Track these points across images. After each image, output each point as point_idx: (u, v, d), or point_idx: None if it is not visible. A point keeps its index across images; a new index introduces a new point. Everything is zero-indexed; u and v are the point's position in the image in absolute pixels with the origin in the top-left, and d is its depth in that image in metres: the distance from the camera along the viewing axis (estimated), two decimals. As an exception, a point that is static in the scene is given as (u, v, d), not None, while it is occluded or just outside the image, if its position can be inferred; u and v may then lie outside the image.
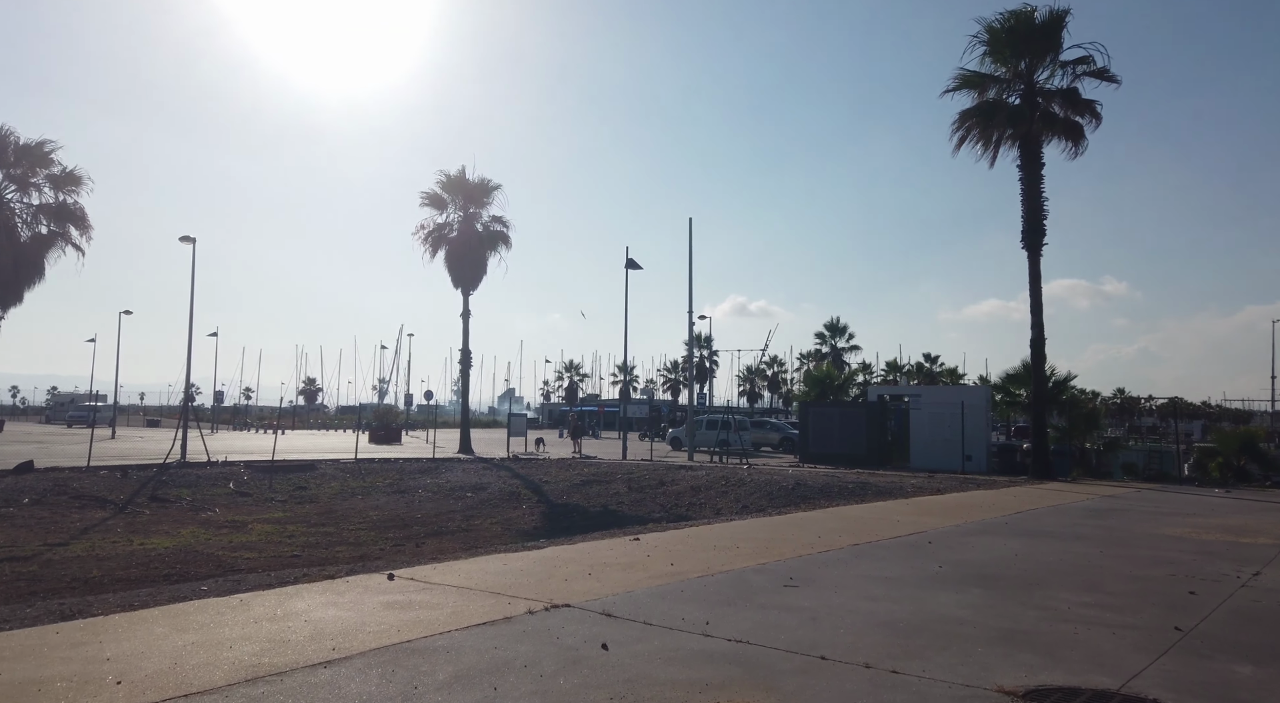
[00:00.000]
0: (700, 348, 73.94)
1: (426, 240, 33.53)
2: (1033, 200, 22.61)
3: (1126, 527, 11.90)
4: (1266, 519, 13.43)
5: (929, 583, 7.11)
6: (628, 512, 19.43)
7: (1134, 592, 7.06)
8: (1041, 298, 22.88)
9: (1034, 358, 23.59)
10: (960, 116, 23.09)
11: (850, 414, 32.08)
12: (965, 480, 20.95)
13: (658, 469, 24.47)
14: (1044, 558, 8.75)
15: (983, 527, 11.44)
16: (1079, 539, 10.38)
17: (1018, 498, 16.13)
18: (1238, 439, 25.41)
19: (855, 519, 11.90)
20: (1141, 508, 14.86)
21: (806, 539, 9.50)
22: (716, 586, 6.61)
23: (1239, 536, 11.21)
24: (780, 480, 19.45)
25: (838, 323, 60.09)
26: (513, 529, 18.23)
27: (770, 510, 14.93)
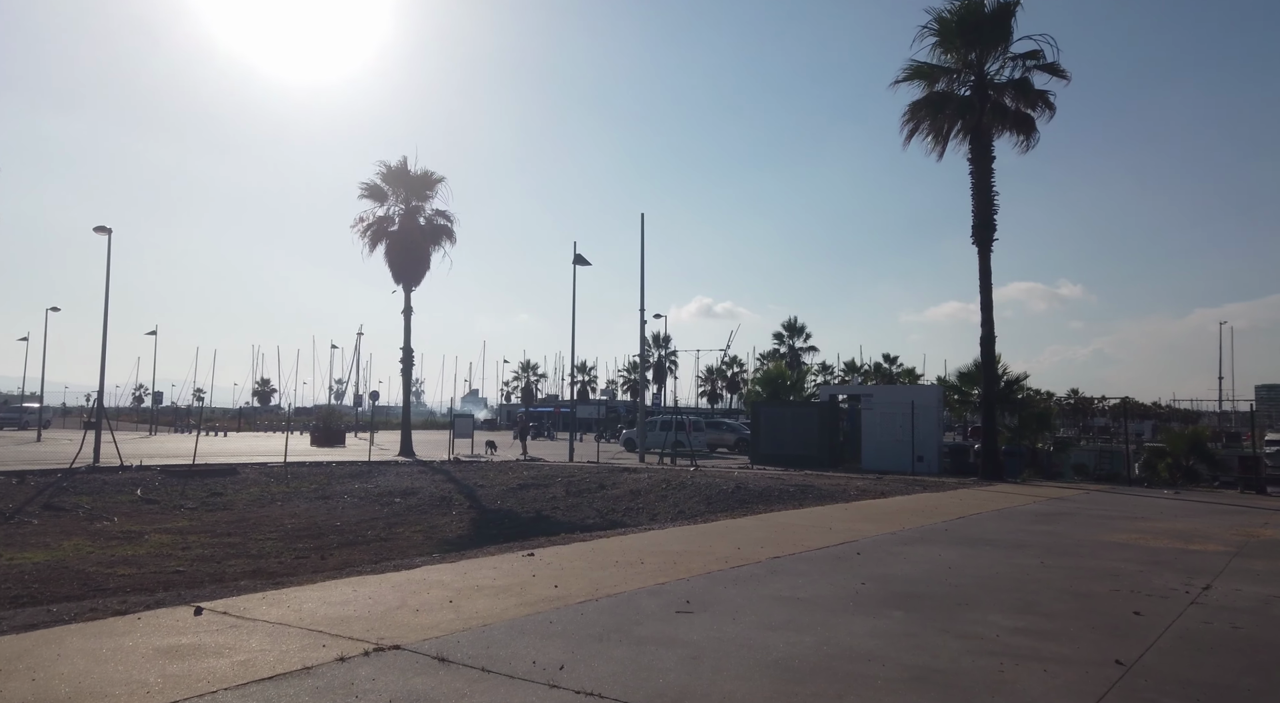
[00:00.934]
0: (659, 348, 73.22)
1: (366, 234, 32.18)
2: (983, 195, 22.10)
3: (1071, 533, 11.23)
4: (1215, 523, 12.90)
5: (845, 605, 6.26)
6: (561, 517, 18.46)
7: (1073, 612, 6.27)
8: (992, 295, 22.39)
9: (984, 357, 23.11)
10: (910, 108, 22.52)
11: (802, 415, 31.44)
12: (913, 482, 20.32)
13: (601, 472, 23.52)
14: (980, 571, 7.97)
15: (920, 534, 10.67)
16: (1020, 548, 9.65)
17: (963, 502, 15.47)
18: (1186, 440, 25.21)
19: (786, 527, 11.07)
20: (1089, 512, 14.27)
21: (724, 552, 8.62)
22: (596, 614, 5.68)
23: (1188, 542, 10.59)
24: (722, 484, 18.61)
25: (795, 323, 59.71)
26: (435, 538, 17.14)
27: (705, 516, 14.07)
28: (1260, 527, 12.56)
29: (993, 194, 22.07)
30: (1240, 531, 11.97)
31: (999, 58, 21.70)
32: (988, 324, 22.59)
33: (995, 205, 22.07)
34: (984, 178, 22.05)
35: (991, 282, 22.30)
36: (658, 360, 73.45)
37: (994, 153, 22.05)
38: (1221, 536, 11.33)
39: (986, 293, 22.42)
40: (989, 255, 22.24)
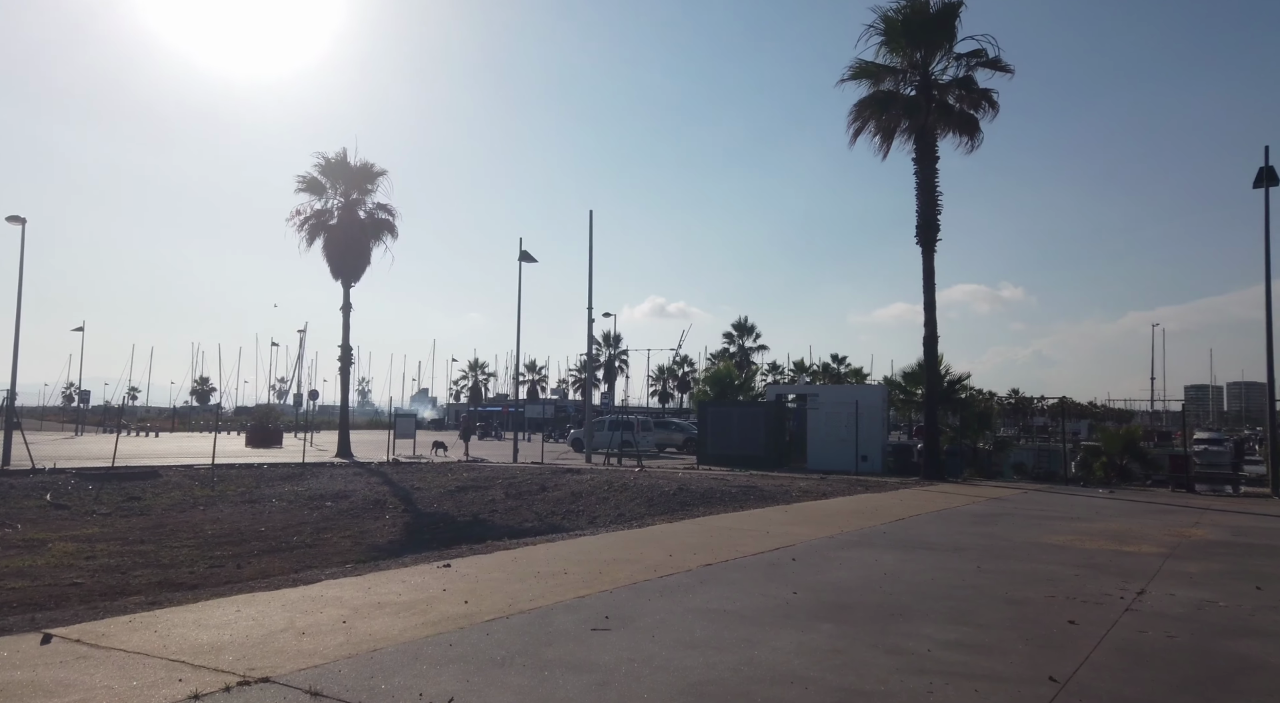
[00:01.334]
0: (609, 347, 72.81)
1: (303, 227, 31.10)
2: (927, 195, 22.17)
3: (1009, 535, 11.13)
4: (1149, 523, 12.97)
5: (774, 618, 5.92)
6: (499, 521, 17.91)
7: (1008, 622, 6.04)
8: (935, 296, 22.50)
9: (927, 356, 23.20)
10: (856, 107, 22.49)
11: (749, 414, 31.33)
12: (856, 483, 20.26)
13: (544, 474, 23.00)
14: (916, 578, 7.72)
15: (859, 537, 10.45)
16: (958, 551, 9.47)
17: (904, 502, 15.38)
18: (1120, 440, 25.71)
19: (723, 531, 10.75)
20: (1027, 512, 14.28)
21: (655, 559, 8.24)
22: (504, 634, 5.23)
23: (1122, 543, 10.57)
24: (665, 485, 18.27)
25: (745, 322, 59.88)
26: (364, 544, 16.45)
27: (644, 520, 13.71)
28: (1191, 526, 12.66)
29: (937, 194, 22.16)
30: (1172, 531, 12.04)
31: (944, 57, 21.81)
32: (931, 324, 22.68)
33: (939, 206, 22.17)
34: (928, 178, 22.12)
35: (935, 282, 22.42)
36: (608, 360, 73.04)
37: (938, 153, 22.14)
38: (1155, 536, 11.36)
39: (930, 293, 22.51)
40: (932, 256, 22.33)
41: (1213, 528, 12.46)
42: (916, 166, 22.28)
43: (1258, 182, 19.71)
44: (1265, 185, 19.65)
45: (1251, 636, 5.78)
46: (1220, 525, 12.86)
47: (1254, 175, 19.85)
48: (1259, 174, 19.64)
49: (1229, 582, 7.89)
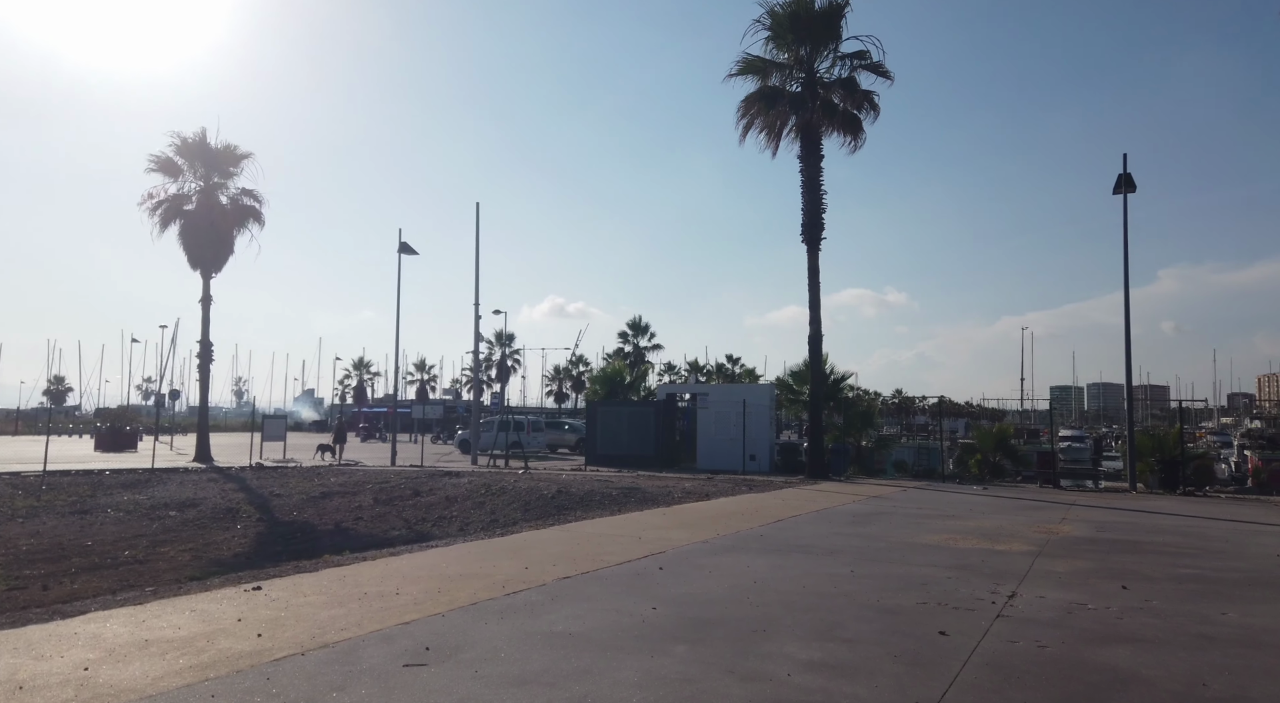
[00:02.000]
0: (501, 345, 71.12)
1: (155, 212, 28.50)
2: (813, 194, 22.20)
3: (885, 535, 10.90)
4: (1019, 520, 13.10)
5: (624, 640, 5.24)
6: (362, 530, 16.64)
7: (877, 636, 5.56)
8: (819, 294, 22.55)
9: (812, 355, 23.24)
10: (744, 103, 22.30)
11: (638, 414, 30.84)
12: (742, 482, 20.01)
13: (420, 478, 21.73)
14: (787, 586, 7.23)
15: (735, 541, 9.95)
16: (833, 554, 9.09)
17: (785, 502, 15.11)
18: (993, 437, 26.58)
19: (593, 538, 10.04)
20: (904, 511, 14.24)
21: (508, 573, 7.44)
22: (289, 677, 4.33)
23: (994, 541, 10.49)
24: (545, 488, 17.44)
25: (640, 322, 59.51)
26: (205, 558, 14.87)
27: (515, 526, 12.87)
28: (1059, 523, 12.85)
29: (822, 193, 22.22)
30: (1041, 527, 12.14)
31: (829, 56, 21.90)
32: (815, 323, 22.73)
33: (824, 205, 22.23)
34: (813, 176, 22.15)
35: (819, 281, 22.47)
36: (500, 359, 71.32)
37: (823, 152, 22.21)
38: (1025, 533, 11.39)
39: (815, 292, 22.55)
40: (817, 254, 22.38)
41: (1078, 524, 12.67)
42: (802, 165, 22.29)
43: (1117, 188, 20.63)
44: (1124, 192, 20.59)
45: (1122, 642, 5.51)
46: (1085, 521, 13.13)
47: (1113, 186, 20.77)
48: (1118, 181, 20.57)
49: (1096, 581, 7.77)
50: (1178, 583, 7.78)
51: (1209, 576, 8.20)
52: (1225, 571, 8.53)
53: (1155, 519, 13.61)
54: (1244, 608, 6.66)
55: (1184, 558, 9.30)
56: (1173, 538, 11.07)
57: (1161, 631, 5.85)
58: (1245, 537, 11.46)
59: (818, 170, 22.17)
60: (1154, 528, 12.25)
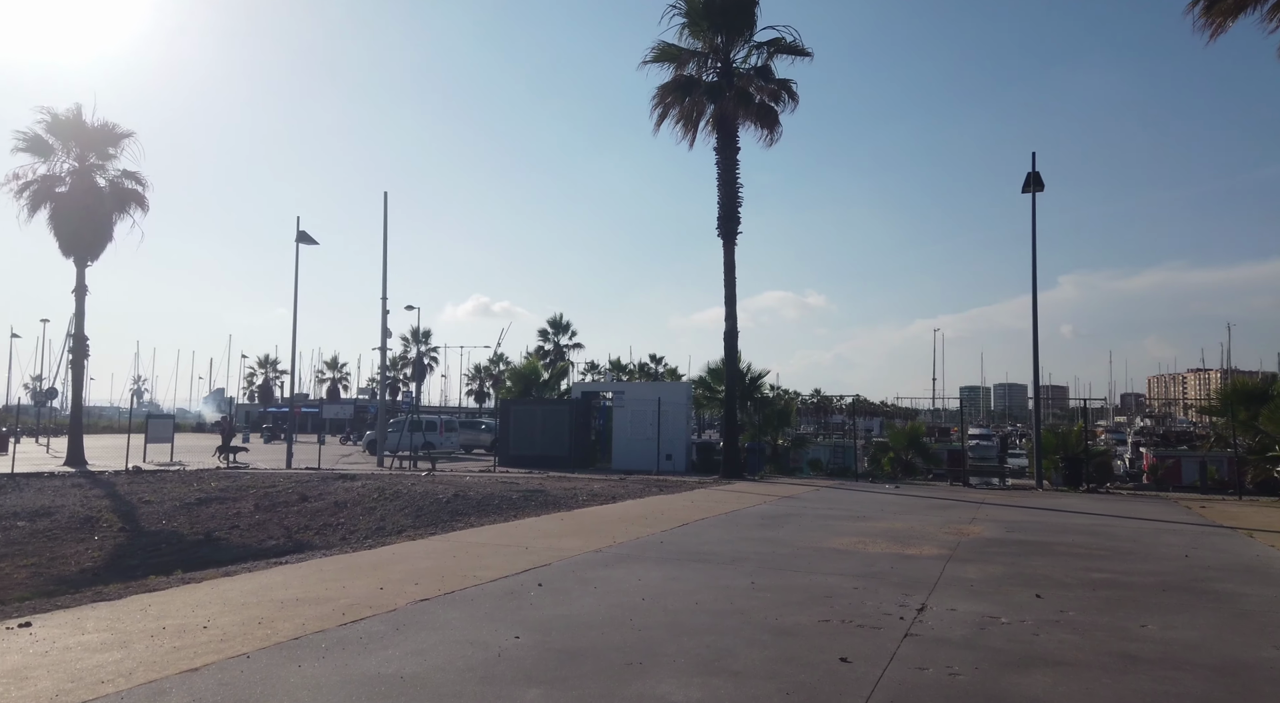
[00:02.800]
0: (418, 342, 68.90)
1: (22, 194, 25.96)
2: (729, 186, 21.66)
3: (793, 539, 10.28)
4: (930, 520, 12.72)
5: (467, 684, 4.33)
6: (236, 540, 15.22)
7: (769, 665, 4.81)
8: (735, 289, 22.03)
9: (727, 351, 22.70)
10: (659, 91, 21.58)
11: (553, 413, 29.80)
12: (654, 483, 19.28)
13: (312, 481, 20.24)
14: (677, 604, 6.44)
15: (632, 550, 9.14)
16: (735, 563, 8.38)
17: (695, 504, 14.42)
18: (906, 436, 26.66)
19: (473, 550, 9.08)
20: (815, 512, 13.72)
21: (356, 596, 6.43)
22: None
23: (905, 545, 9.98)
24: (442, 492, 16.32)
25: (560, 319, 58.31)
26: (48, 575, 13.26)
27: (397, 535, 11.81)
28: (969, 523, 12.52)
29: (738, 186, 21.70)
30: (952, 528, 11.76)
31: (744, 44, 21.37)
32: (731, 319, 22.20)
33: (740, 198, 21.72)
34: (730, 169, 21.61)
35: (735, 276, 21.95)
36: (416, 356, 68.99)
37: (739, 144, 21.69)
38: (936, 535, 10.95)
39: (731, 287, 22.02)
40: (733, 248, 21.85)
41: (988, 524, 12.36)
42: (718, 156, 21.72)
43: (1026, 187, 20.76)
44: (1032, 191, 20.72)
45: (1040, 665, 4.90)
46: (995, 521, 12.84)
47: (1022, 186, 20.88)
48: (1027, 179, 20.69)
49: (1009, 590, 7.26)
50: (1092, 590, 7.33)
51: (1122, 581, 7.81)
52: (1137, 574, 8.17)
53: (1063, 518, 13.45)
54: (1163, 619, 6.20)
55: (1095, 561, 8.95)
56: (1082, 539, 10.80)
57: (1081, 650, 5.28)
58: (1151, 536, 11.30)
59: (734, 162, 21.64)
60: (1062, 528, 12.02)
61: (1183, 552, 9.71)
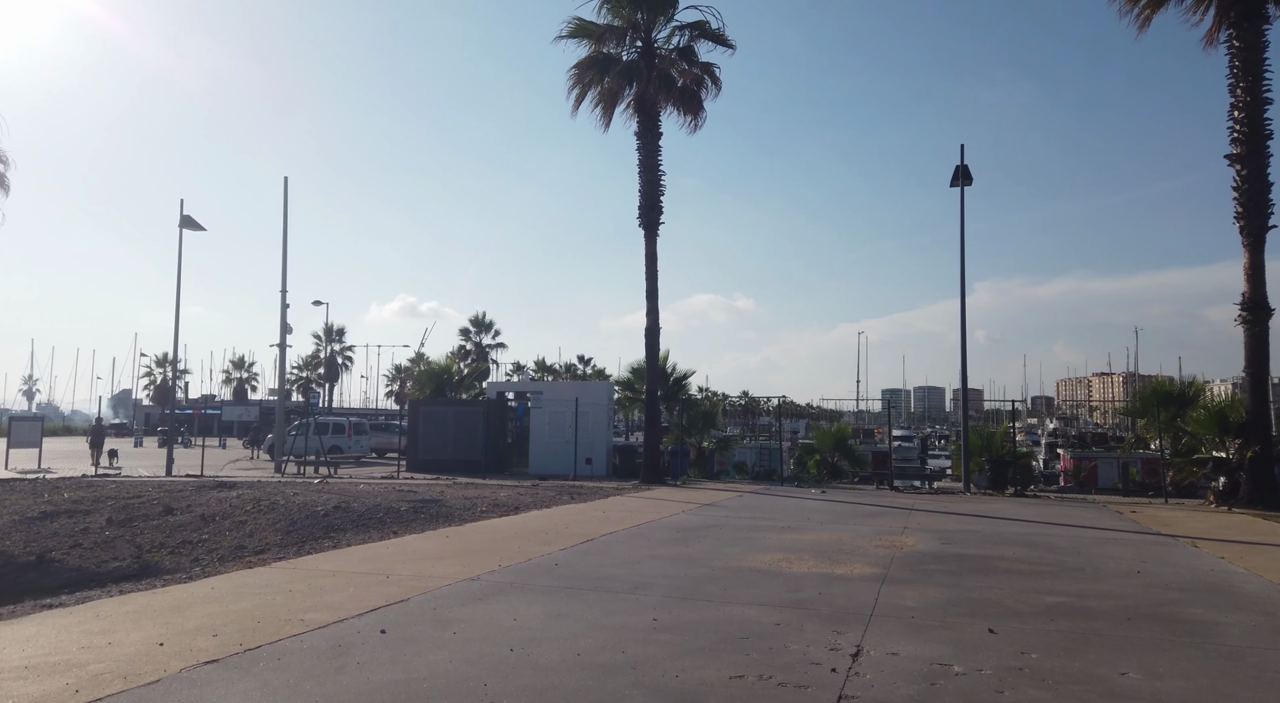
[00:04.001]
0: (331, 342, 65.70)
1: None
2: (651, 174, 20.40)
3: (710, 557, 9.02)
4: (860, 531, 11.66)
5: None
6: (74, 561, 13.11)
7: (659, 760, 3.46)
8: (658, 283, 20.79)
9: (648, 348, 21.44)
10: (577, 70, 20.18)
11: (465, 414, 28.04)
12: (568, 490, 17.85)
13: (185, 491, 18.09)
14: (554, 654, 5.05)
15: (517, 576, 7.71)
16: (638, 591, 7.04)
17: (606, 515, 13.05)
18: (832, 437, 25.90)
19: (321, 579, 7.50)
20: (737, 521, 12.52)
21: (122, 655, 4.84)
22: None
23: (834, 561, 8.83)
24: (325, 503, 14.53)
25: (483, 318, 56.26)
26: None
27: (271, 552, 10.14)
28: (901, 533, 11.51)
29: (660, 173, 20.47)
30: (884, 540, 10.71)
31: (666, 24, 20.18)
32: (653, 314, 20.95)
33: (663, 186, 20.49)
34: (651, 155, 20.37)
35: (657, 268, 20.71)
36: (329, 356, 65.80)
37: (661, 129, 20.48)
38: (867, 548, 9.86)
39: (653, 281, 20.78)
40: (655, 239, 20.62)
41: (921, 535, 11.36)
42: (639, 141, 20.45)
43: (954, 181, 20.14)
44: (961, 185, 20.12)
45: (1015, 748, 3.69)
46: (928, 530, 11.87)
47: (950, 180, 20.26)
48: (955, 173, 20.07)
49: (957, 622, 6.11)
50: (1050, 620, 6.26)
51: (1080, 607, 6.77)
52: (1095, 597, 7.16)
53: (997, 526, 12.60)
54: (1141, 662, 5.11)
55: (1044, 580, 7.94)
56: (1023, 552, 9.86)
57: (1060, 716, 4.11)
58: (1094, 547, 10.45)
59: (655, 148, 20.41)
60: (1000, 538, 11.10)
61: (1133, 567, 8.82)
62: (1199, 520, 13.84)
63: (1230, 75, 16.25)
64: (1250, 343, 16.11)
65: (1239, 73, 16.06)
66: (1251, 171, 15.95)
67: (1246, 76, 15.92)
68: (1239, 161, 16.14)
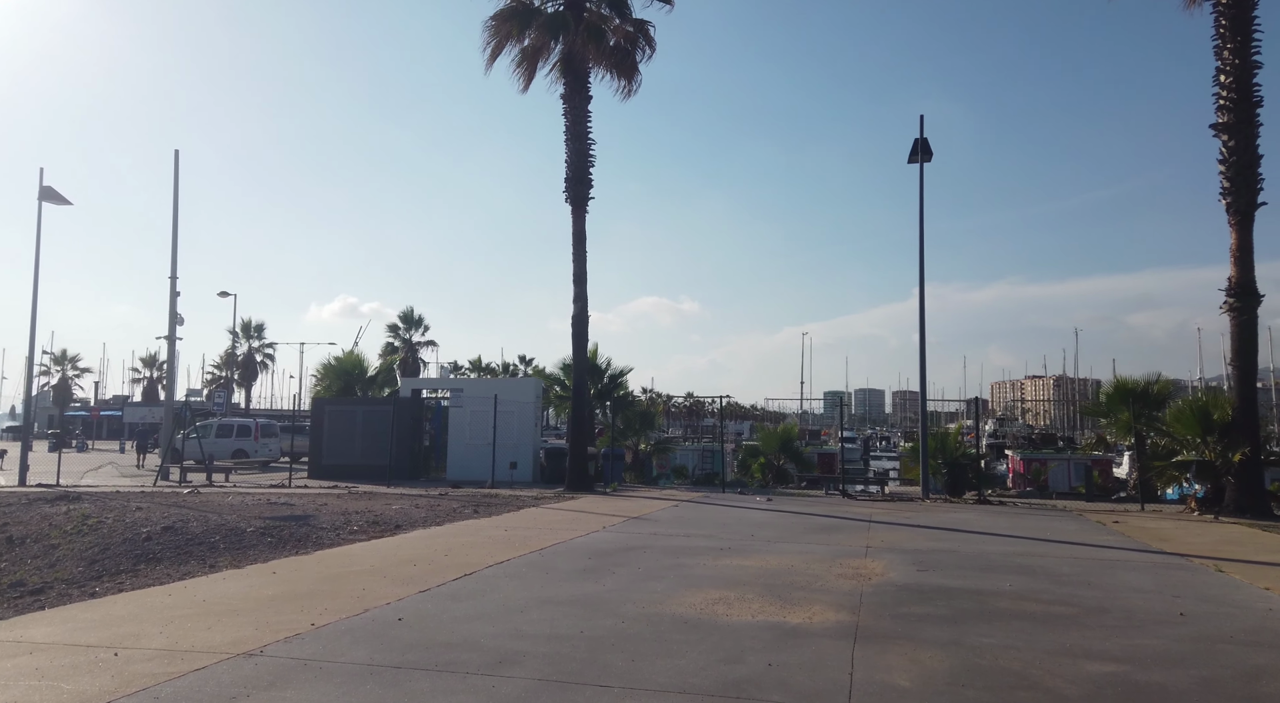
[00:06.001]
0: (249, 338, 61.48)
1: None
2: (579, 142, 18.07)
3: (624, 599, 6.72)
4: (815, 553, 9.51)
5: None
6: None
7: None
8: (586, 265, 18.46)
9: (575, 338, 19.10)
10: (494, 21, 17.70)
11: (376, 414, 25.15)
12: (478, 500, 15.39)
13: (14, 506, 15.05)
14: None
15: (326, 646, 5.29)
16: (498, 672, 4.70)
17: (508, 534, 10.65)
18: (778, 438, 23.97)
19: (31, 657, 4.97)
20: (667, 541, 10.26)
21: None
22: None
23: (786, 603, 6.62)
24: (155, 522, 11.76)
25: (413, 314, 52.83)
26: None
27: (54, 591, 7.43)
28: (864, 555, 9.40)
29: (589, 143, 18.15)
30: (846, 565, 8.57)
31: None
32: (581, 300, 18.62)
33: (592, 156, 18.17)
34: (580, 121, 18.04)
35: (586, 248, 18.38)
36: (248, 353, 61.58)
37: (591, 92, 18.16)
38: (827, 580, 7.69)
39: (580, 262, 18.45)
40: (584, 216, 18.29)
41: (890, 557, 9.26)
42: (566, 106, 18.10)
43: (912, 156, 18.31)
44: (920, 160, 18.29)
45: None
46: (896, 550, 9.79)
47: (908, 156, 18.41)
48: (914, 147, 18.23)
49: (982, 728, 3.92)
50: (1113, 714, 4.12)
51: (1141, 683, 4.67)
52: (1151, 663, 5.08)
53: (976, 544, 10.60)
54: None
55: (1069, 631, 5.86)
56: (1022, 583, 7.81)
57: None
58: (1102, 574, 8.48)
59: (584, 113, 18.08)
60: (986, 562, 9.06)
61: (1169, 607, 6.82)
62: (1195, 534, 12.09)
63: (1216, 36, 14.69)
64: (1237, 333, 14.56)
65: (1226, 32, 14.50)
66: (1240, 142, 14.40)
67: (1235, 36, 14.37)
68: (1226, 131, 14.58)
